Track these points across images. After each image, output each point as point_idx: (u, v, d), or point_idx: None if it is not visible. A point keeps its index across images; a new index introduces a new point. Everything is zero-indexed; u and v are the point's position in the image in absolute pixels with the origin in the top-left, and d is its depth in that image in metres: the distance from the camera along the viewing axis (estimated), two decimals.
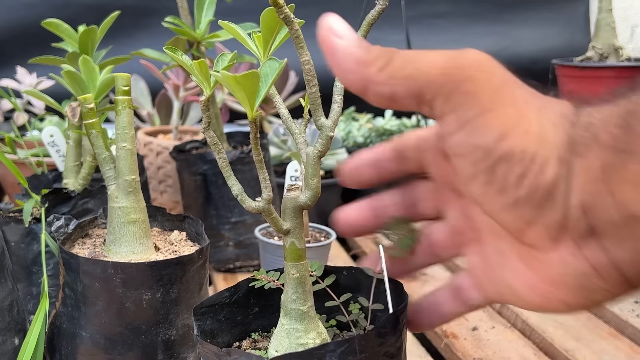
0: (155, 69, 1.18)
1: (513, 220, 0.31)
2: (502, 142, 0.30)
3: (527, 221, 0.31)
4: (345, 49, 0.31)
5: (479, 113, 0.30)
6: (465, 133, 0.30)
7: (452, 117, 0.30)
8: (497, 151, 0.30)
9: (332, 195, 1.16)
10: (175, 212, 1.08)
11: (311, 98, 0.36)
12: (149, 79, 1.34)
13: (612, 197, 0.28)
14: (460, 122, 0.30)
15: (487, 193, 0.31)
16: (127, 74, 0.55)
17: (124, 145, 0.55)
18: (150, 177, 1.09)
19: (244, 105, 0.35)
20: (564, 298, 0.31)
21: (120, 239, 0.56)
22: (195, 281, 0.56)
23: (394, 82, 0.30)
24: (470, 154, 0.31)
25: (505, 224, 0.32)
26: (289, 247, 0.39)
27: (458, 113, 0.30)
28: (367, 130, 1.27)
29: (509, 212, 0.31)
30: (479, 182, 0.31)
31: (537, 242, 0.31)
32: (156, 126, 1.28)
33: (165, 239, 0.62)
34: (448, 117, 0.31)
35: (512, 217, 0.31)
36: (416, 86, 0.30)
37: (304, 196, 0.39)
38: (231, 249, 0.92)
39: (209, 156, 0.91)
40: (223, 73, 0.33)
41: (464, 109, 0.30)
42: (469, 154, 0.31)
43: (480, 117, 0.30)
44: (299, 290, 0.40)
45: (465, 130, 0.30)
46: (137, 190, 0.57)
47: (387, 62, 0.31)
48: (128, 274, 0.52)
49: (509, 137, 0.30)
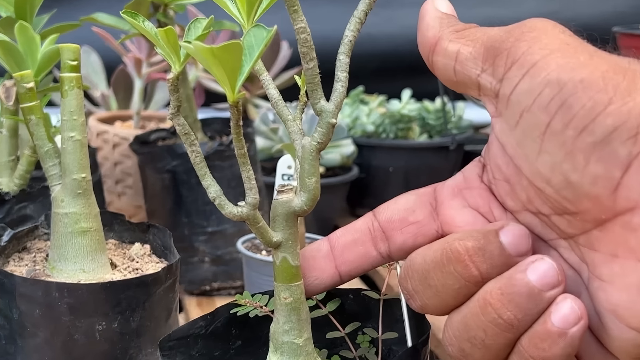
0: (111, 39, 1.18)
1: (604, 168, 0.33)
2: (573, 72, 0.33)
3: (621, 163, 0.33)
4: (434, 4, 0.40)
5: (547, 53, 0.34)
6: (532, 75, 0.34)
7: (516, 66, 0.35)
8: (571, 81, 0.33)
9: (335, 198, 1.16)
10: (136, 219, 1.08)
11: (308, 75, 0.36)
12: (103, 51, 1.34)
13: None
14: (527, 66, 0.35)
15: (567, 140, 0.33)
16: (75, 45, 0.55)
17: (72, 136, 0.55)
18: (105, 176, 1.09)
19: (223, 85, 0.35)
20: None
21: (67, 254, 0.56)
22: (162, 307, 0.56)
23: (463, 40, 0.38)
24: (540, 97, 0.34)
25: (596, 177, 0.33)
26: (281, 264, 0.39)
27: (524, 58, 0.35)
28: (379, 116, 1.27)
29: (597, 157, 0.33)
30: (555, 129, 0.34)
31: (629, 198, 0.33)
32: (112, 111, 1.28)
33: (124, 254, 0.62)
34: (512, 69, 0.35)
35: (602, 166, 0.33)
36: (482, 45, 0.37)
37: (299, 200, 0.39)
38: (207, 266, 0.92)
39: (179, 149, 0.91)
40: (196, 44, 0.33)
41: (530, 53, 0.35)
42: (538, 96, 0.34)
43: (548, 56, 0.34)
44: (292, 318, 0.40)
45: (532, 72, 0.34)
46: (89, 192, 0.56)
47: (463, 27, 0.39)
48: (77, 297, 0.52)
49: (580, 69, 0.33)
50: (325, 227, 1.13)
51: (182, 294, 0.93)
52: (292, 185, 0.39)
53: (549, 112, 0.34)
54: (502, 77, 0.36)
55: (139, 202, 1.09)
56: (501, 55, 0.36)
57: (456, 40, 0.38)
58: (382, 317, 0.43)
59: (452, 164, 1.25)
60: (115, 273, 0.58)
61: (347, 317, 0.45)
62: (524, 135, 0.35)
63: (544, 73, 0.34)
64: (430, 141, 1.26)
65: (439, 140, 1.26)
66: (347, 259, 0.41)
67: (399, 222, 0.41)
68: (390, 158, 1.25)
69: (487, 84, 0.37)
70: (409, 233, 0.41)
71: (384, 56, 1.70)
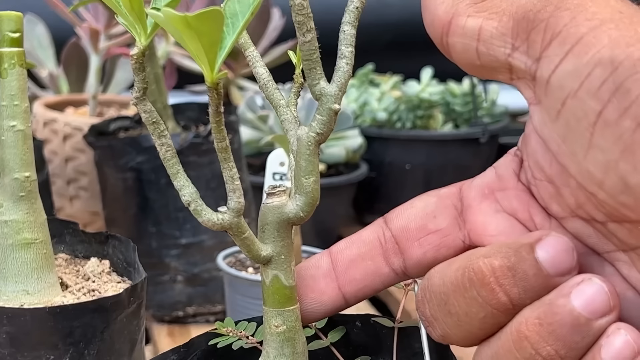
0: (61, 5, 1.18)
1: None
2: (630, 49, 0.33)
3: None
4: None
5: (596, 25, 0.34)
6: (577, 53, 0.34)
7: (557, 41, 0.34)
8: (628, 60, 0.32)
9: (339, 202, 1.16)
10: (93, 228, 1.08)
11: (305, 51, 0.36)
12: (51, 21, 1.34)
13: None
14: (571, 42, 0.34)
15: (624, 133, 0.33)
16: (17, 12, 0.55)
17: (13, 125, 0.55)
18: (54, 175, 1.09)
19: (200, 63, 0.35)
20: None
21: (6, 272, 0.56)
22: (125, 337, 0.56)
23: (485, 14, 0.37)
24: (589, 80, 0.33)
25: None
26: (271, 284, 0.39)
27: (567, 32, 0.34)
28: (393, 101, 1.27)
29: None
30: (609, 119, 0.33)
31: None
32: (63, 95, 1.28)
33: (78, 272, 0.62)
34: (552, 45, 0.35)
35: None
36: (510, 18, 0.36)
37: (293, 204, 0.39)
38: (181, 286, 0.92)
39: (145, 142, 0.91)
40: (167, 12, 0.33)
41: (574, 25, 0.34)
42: (587, 78, 0.33)
43: (597, 28, 0.33)
44: (286, 351, 0.40)
45: (578, 48, 0.34)
46: (33, 195, 0.56)
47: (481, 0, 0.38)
48: (18, 326, 0.52)
49: (638, 44, 0.33)
50: (327, 238, 1.13)
51: (149, 321, 0.93)
52: (286, 186, 0.39)
53: (600, 99, 0.33)
54: (539, 55, 0.35)
55: (95, 208, 1.09)
56: (537, 28, 0.35)
57: (476, 14, 0.37)
58: (396, 349, 0.43)
59: (484, 160, 1.25)
60: (66, 295, 0.58)
61: (354, 349, 0.45)
62: (569, 127, 0.35)
63: (593, 50, 0.33)
64: (456, 132, 1.26)
65: (467, 130, 1.26)
66: (353, 278, 0.41)
67: (416, 231, 0.41)
68: (406, 153, 1.25)
69: (521, 65, 0.36)
70: (428, 244, 0.40)
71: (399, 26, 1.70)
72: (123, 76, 1.34)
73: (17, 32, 0.55)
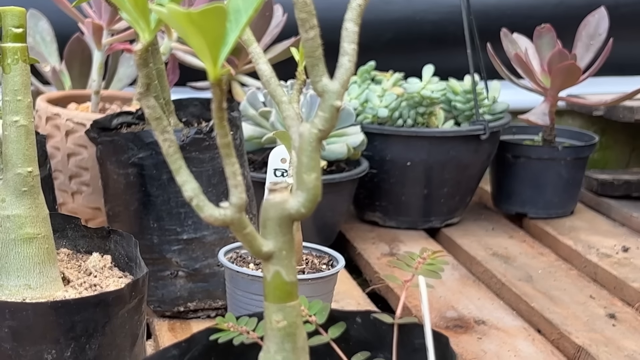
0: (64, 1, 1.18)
1: None
2: None
3: None
4: None
5: None
6: None
7: None
8: None
9: (340, 198, 1.16)
10: (94, 224, 1.08)
11: (307, 47, 0.36)
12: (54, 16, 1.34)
13: None
14: None
15: None
16: (20, 8, 0.55)
17: (16, 120, 0.55)
18: (57, 170, 1.09)
19: (203, 59, 0.35)
20: None
21: (8, 266, 0.56)
22: (126, 332, 0.56)
23: None
24: None
25: None
26: (273, 279, 0.39)
27: None
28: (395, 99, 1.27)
29: None
30: None
31: None
32: (66, 90, 1.28)
33: (80, 267, 0.62)
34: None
35: None
36: None
37: (295, 200, 0.39)
38: (182, 282, 0.92)
39: (148, 137, 0.91)
40: (171, 8, 0.33)
41: None
42: None
43: None
44: (286, 346, 0.40)
45: None
46: (36, 190, 0.57)
47: None
48: (21, 320, 0.52)
49: None
50: (328, 234, 1.13)
51: (150, 316, 0.93)
52: (287, 182, 0.39)
53: None
54: None
55: (97, 203, 1.09)
56: None
57: None
58: (396, 345, 0.44)
59: (485, 157, 1.25)
60: (68, 290, 0.58)
61: (354, 345, 0.45)
62: None
63: None
64: (457, 129, 1.26)
65: (468, 128, 1.26)
66: None
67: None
68: (407, 150, 1.25)
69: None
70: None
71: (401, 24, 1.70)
72: (126, 72, 1.34)
73: (20, 27, 0.55)
